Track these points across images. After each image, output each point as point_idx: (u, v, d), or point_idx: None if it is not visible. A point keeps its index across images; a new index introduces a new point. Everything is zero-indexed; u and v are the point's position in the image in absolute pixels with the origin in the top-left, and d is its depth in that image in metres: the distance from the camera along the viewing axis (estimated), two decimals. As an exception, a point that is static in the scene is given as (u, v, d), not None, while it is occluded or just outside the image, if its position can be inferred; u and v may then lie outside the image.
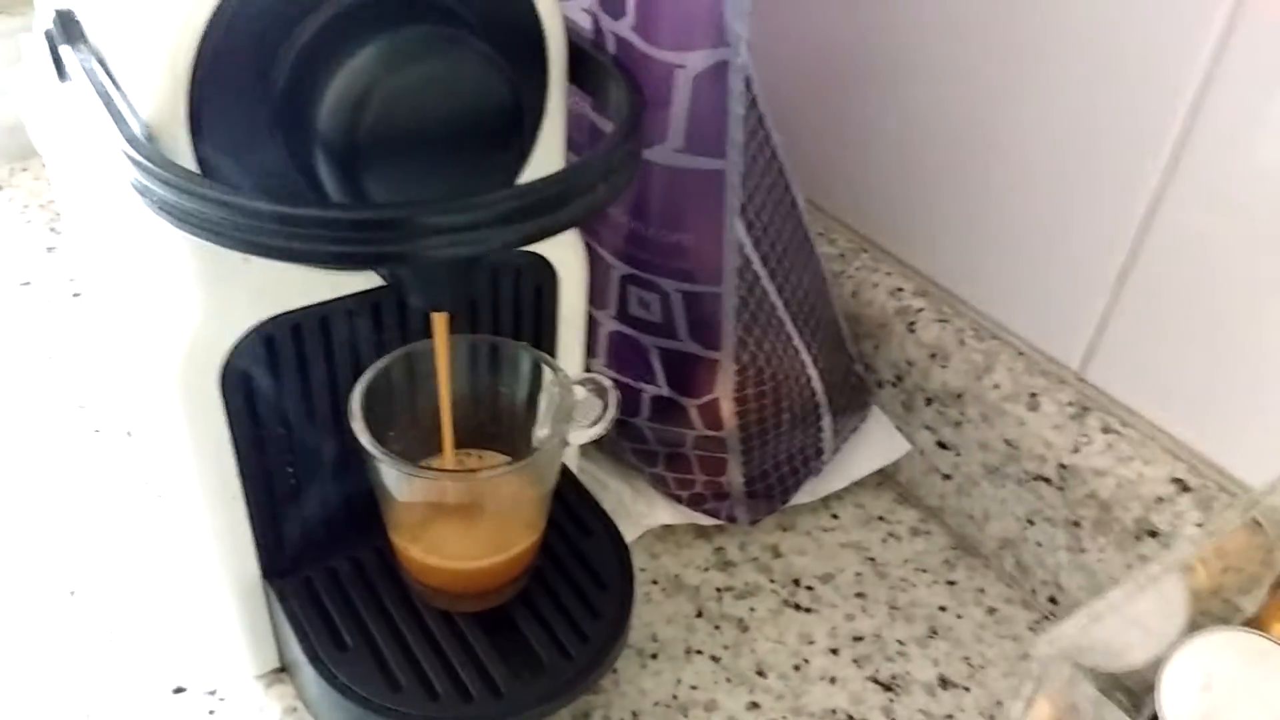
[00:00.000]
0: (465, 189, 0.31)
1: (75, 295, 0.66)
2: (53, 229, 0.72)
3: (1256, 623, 0.37)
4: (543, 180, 0.30)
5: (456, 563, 0.39)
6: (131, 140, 0.29)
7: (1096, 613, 0.31)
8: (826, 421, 0.51)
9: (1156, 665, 0.33)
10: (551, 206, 0.29)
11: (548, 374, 0.40)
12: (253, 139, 0.31)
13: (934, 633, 0.49)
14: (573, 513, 0.45)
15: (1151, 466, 0.46)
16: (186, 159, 0.31)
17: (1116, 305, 0.48)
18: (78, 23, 0.34)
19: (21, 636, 0.46)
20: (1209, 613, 0.37)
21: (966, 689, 0.47)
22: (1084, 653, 0.31)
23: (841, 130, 0.57)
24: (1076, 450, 0.48)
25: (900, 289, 0.56)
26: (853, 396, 0.53)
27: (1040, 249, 0.50)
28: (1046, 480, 0.49)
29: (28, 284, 0.67)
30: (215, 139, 0.31)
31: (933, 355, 0.53)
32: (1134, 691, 0.37)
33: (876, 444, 0.55)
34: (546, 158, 0.37)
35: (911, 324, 0.54)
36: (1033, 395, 0.50)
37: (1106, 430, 0.48)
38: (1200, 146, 0.43)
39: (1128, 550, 0.46)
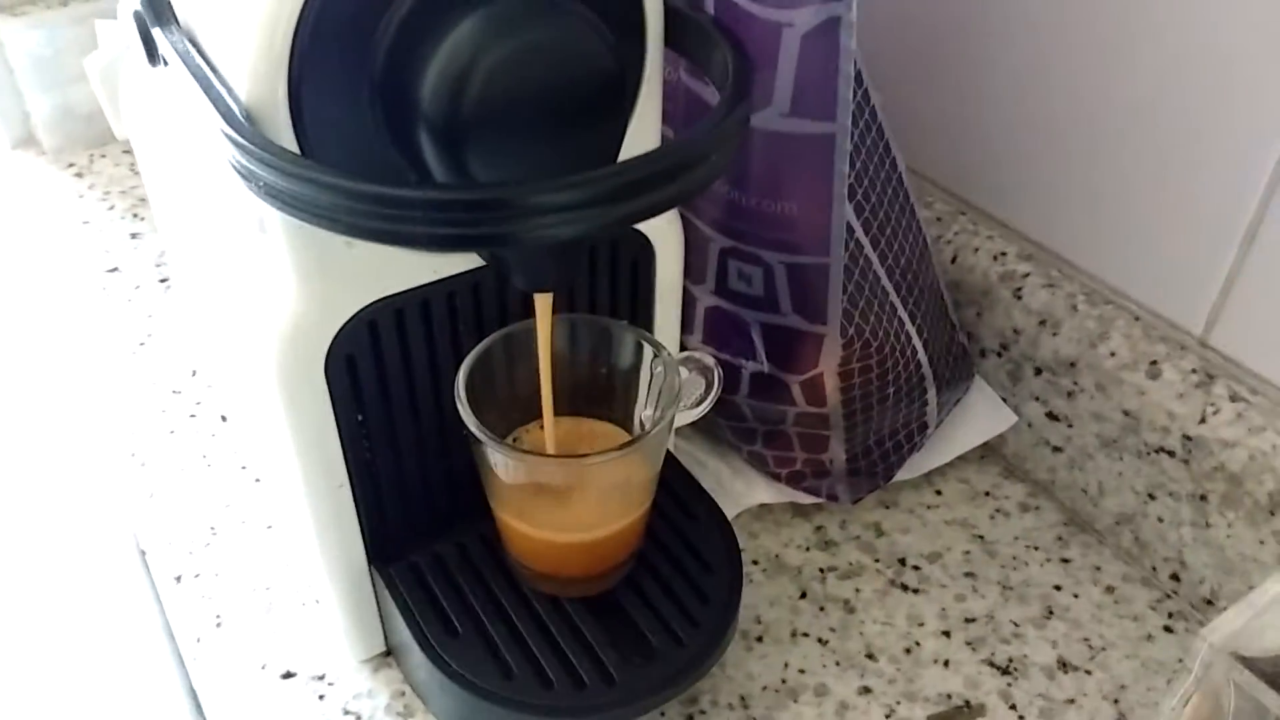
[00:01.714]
0: (569, 163, 0.30)
1: (163, 281, 0.66)
2: (136, 215, 0.72)
3: None
4: (651, 154, 0.28)
5: (561, 535, 0.38)
6: (232, 121, 0.28)
7: (1259, 604, 0.29)
8: (931, 394, 0.49)
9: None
10: (661, 182, 0.28)
11: (649, 352, 0.38)
12: (353, 118, 0.30)
13: (1050, 613, 0.47)
14: (675, 495, 0.44)
15: (1288, 436, 0.43)
16: (287, 140, 0.30)
17: (1244, 265, 0.45)
18: (168, 4, 0.34)
19: (130, 624, 0.47)
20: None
21: (1088, 672, 0.45)
22: (1242, 642, 0.29)
23: (937, 87, 0.55)
24: (1203, 420, 0.45)
25: (1003, 253, 0.53)
26: (956, 367, 0.51)
27: (1157, 206, 0.47)
28: (1170, 453, 0.46)
29: (115, 270, 0.67)
30: (315, 119, 0.30)
31: (1041, 322, 0.51)
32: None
33: (981, 416, 0.52)
34: (643, 128, 0.35)
35: (1018, 290, 0.52)
36: (1153, 363, 0.47)
37: (1235, 399, 0.45)
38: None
39: (1260, 526, 0.44)
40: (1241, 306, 0.46)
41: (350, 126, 0.30)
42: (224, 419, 0.57)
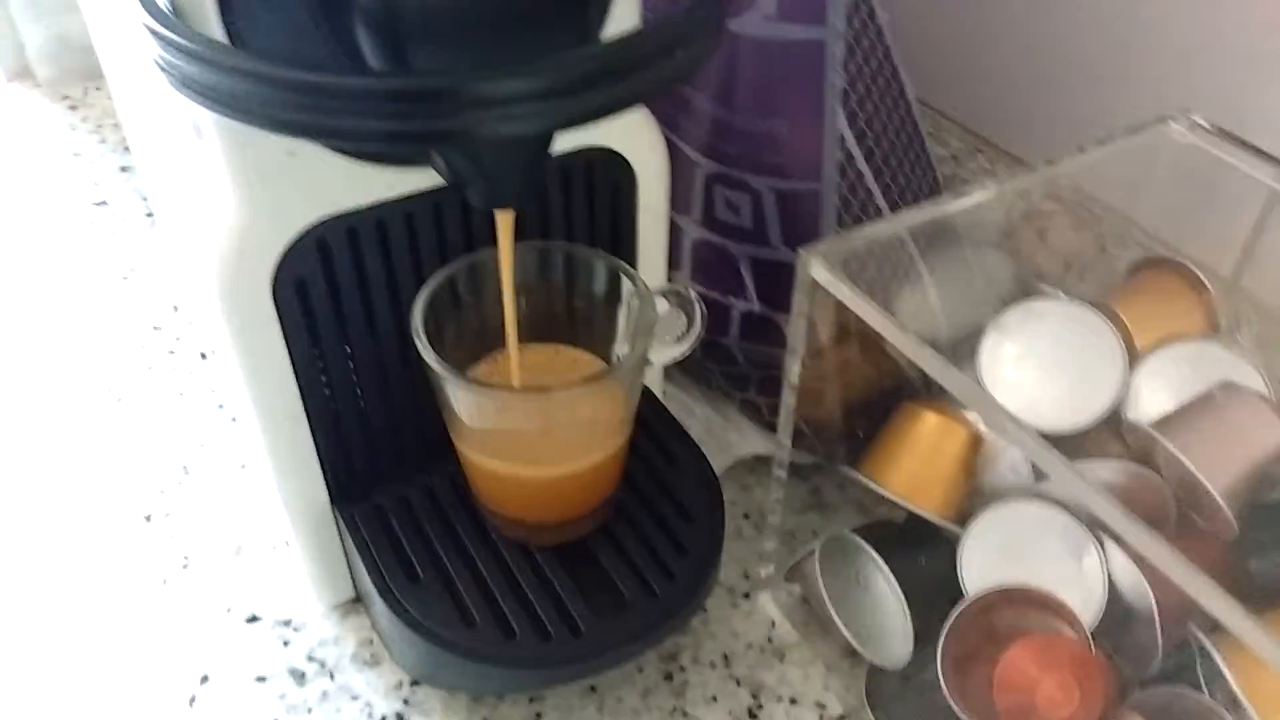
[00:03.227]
0: (525, 56, 0.27)
1: (148, 215, 0.64)
2: (126, 148, 0.70)
3: None
4: (612, 42, 0.25)
5: (526, 470, 0.35)
6: (153, 12, 0.26)
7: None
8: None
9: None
10: (622, 73, 0.25)
11: (626, 285, 0.36)
12: (285, 7, 0.27)
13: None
14: (657, 440, 0.41)
15: None
16: (215, 32, 0.27)
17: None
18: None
19: (96, 562, 0.45)
20: None
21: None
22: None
23: (952, 16, 0.51)
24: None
25: (1027, 191, 0.50)
26: (968, 314, 0.48)
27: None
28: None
29: (103, 204, 0.65)
30: (244, 8, 0.27)
31: (1068, 266, 0.47)
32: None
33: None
34: (623, 23, 0.32)
35: (1042, 230, 0.48)
36: (1182, 310, 0.44)
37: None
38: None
39: None
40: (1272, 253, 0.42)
41: (284, 17, 0.27)
42: (203, 356, 0.55)
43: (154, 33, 0.25)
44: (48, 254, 0.62)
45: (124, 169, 0.68)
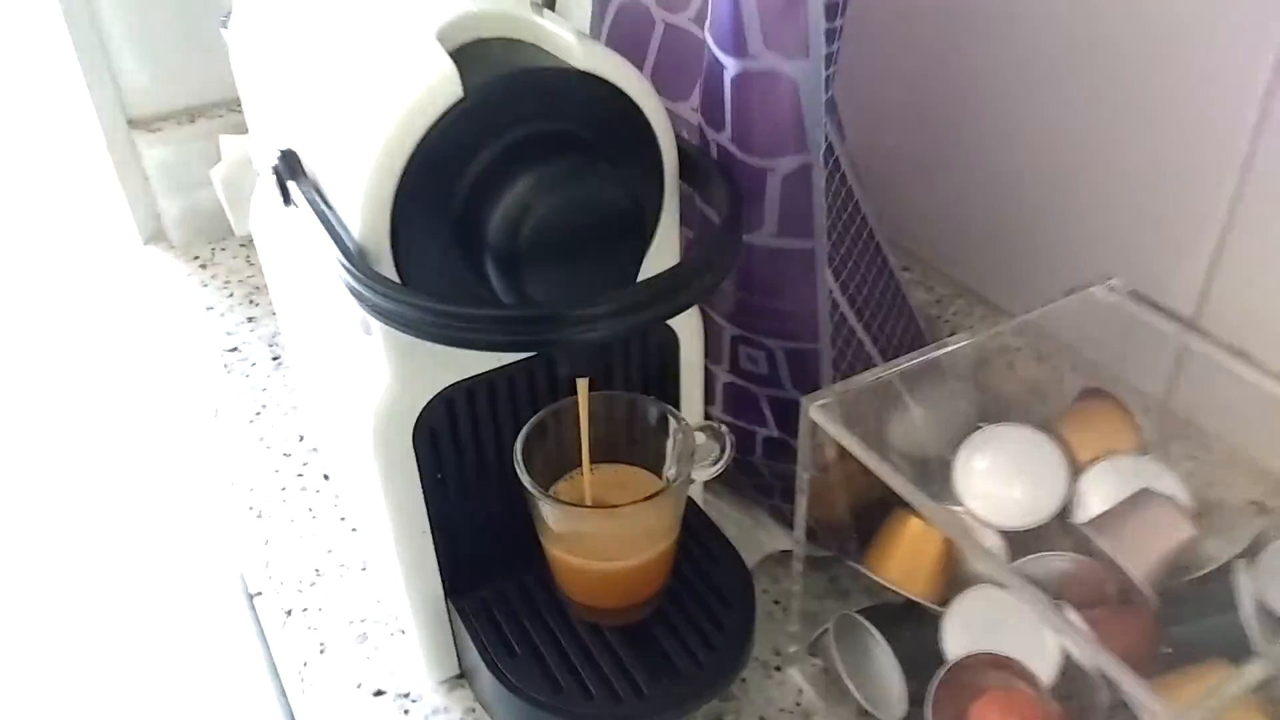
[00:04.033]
0: (602, 279, 0.39)
1: (275, 359, 0.77)
2: (252, 301, 0.84)
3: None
4: (661, 275, 0.37)
5: (598, 565, 0.46)
6: (348, 256, 0.38)
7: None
8: (928, 456, 0.56)
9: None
10: (670, 295, 0.37)
11: (672, 422, 0.47)
12: (437, 249, 0.39)
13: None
14: (700, 541, 0.52)
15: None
16: (387, 265, 0.40)
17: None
18: (299, 160, 0.44)
19: (249, 653, 0.56)
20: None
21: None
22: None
23: (937, 188, 0.63)
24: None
25: (998, 331, 0.61)
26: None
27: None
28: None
29: (235, 350, 0.79)
30: (408, 251, 0.39)
31: (1032, 392, 0.58)
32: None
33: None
34: (665, 239, 0.44)
35: (1010, 363, 0.59)
36: (1122, 427, 0.54)
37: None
38: None
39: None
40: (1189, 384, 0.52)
41: (434, 255, 0.40)
42: (326, 478, 0.67)
43: (351, 273, 0.38)
44: (191, 392, 0.75)
45: (250, 319, 0.82)
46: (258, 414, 0.72)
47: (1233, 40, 0.50)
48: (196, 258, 0.90)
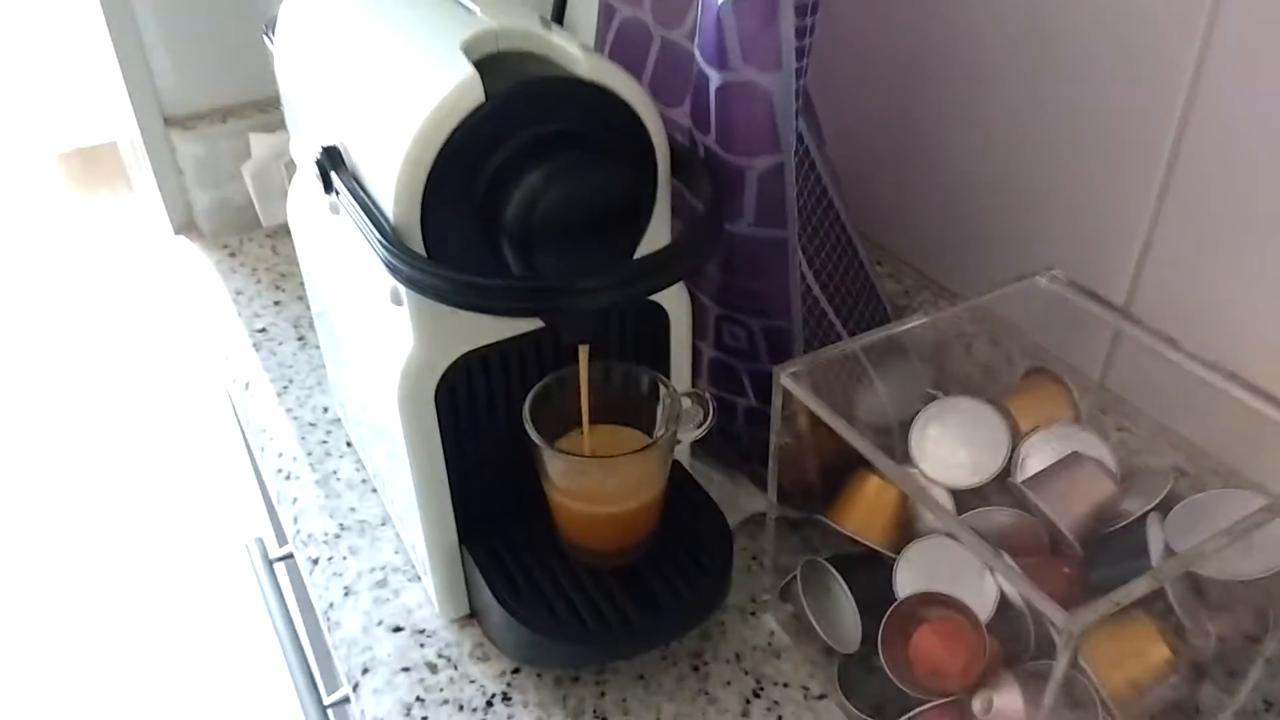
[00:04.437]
0: (604, 255, 0.46)
1: (300, 339, 0.84)
2: (278, 287, 0.91)
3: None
4: (651, 255, 0.44)
5: (596, 508, 0.52)
6: (384, 234, 0.45)
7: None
8: (891, 428, 0.63)
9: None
10: (658, 272, 0.44)
11: (662, 389, 0.54)
12: (460, 229, 0.46)
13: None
14: (687, 497, 0.58)
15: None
16: (417, 243, 0.46)
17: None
18: (340, 154, 0.51)
19: (286, 595, 0.63)
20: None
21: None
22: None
23: (902, 191, 0.70)
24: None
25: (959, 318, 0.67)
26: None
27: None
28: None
29: (263, 330, 0.85)
30: (436, 229, 0.46)
31: (984, 371, 0.64)
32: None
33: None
34: (658, 226, 0.51)
35: (968, 345, 0.66)
36: (1064, 403, 0.60)
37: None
38: None
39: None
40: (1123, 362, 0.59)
41: (458, 235, 0.46)
42: (348, 444, 0.73)
43: (389, 251, 0.44)
44: (224, 371, 0.81)
45: (276, 303, 0.88)
46: (285, 388, 0.79)
47: (1157, 44, 0.56)
48: (225, 246, 0.97)
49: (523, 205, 0.44)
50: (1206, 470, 0.54)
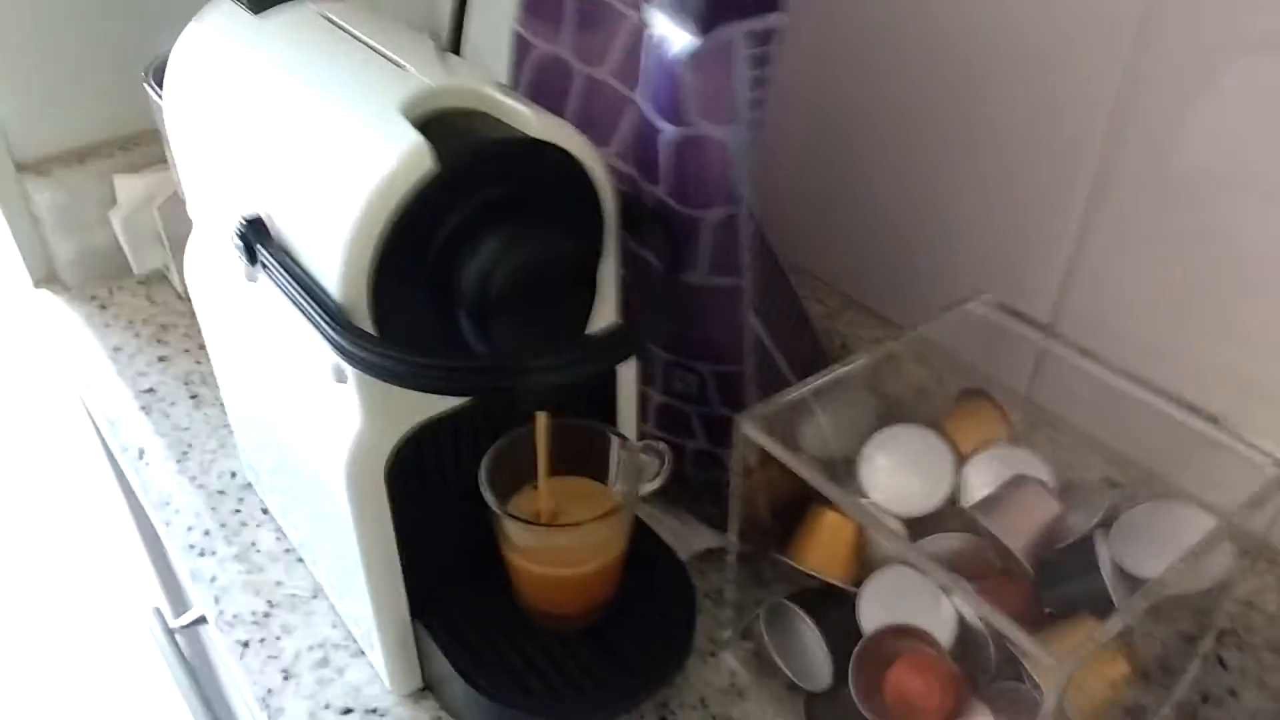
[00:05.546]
0: (558, 323, 0.44)
1: (193, 397, 0.78)
2: (160, 340, 0.84)
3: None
4: (604, 332, 0.43)
5: (555, 571, 0.51)
6: (329, 313, 0.42)
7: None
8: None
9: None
10: (613, 349, 0.42)
11: (614, 441, 0.52)
12: (410, 303, 0.43)
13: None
14: (645, 551, 0.57)
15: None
16: (365, 321, 0.43)
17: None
18: (265, 226, 0.47)
19: (224, 676, 0.58)
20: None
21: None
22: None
23: (826, 218, 0.71)
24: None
25: (879, 339, 0.69)
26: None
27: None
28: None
29: (150, 390, 0.79)
30: (386, 306, 0.43)
31: (918, 394, 0.66)
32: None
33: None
34: (605, 281, 0.50)
35: (897, 367, 0.67)
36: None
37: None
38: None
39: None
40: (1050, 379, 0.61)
41: (408, 309, 0.44)
42: (264, 511, 0.69)
43: (336, 331, 0.41)
44: (111, 439, 0.75)
45: (161, 359, 0.82)
46: (184, 454, 0.74)
47: (1080, 80, 0.59)
48: (94, 298, 0.89)
49: (479, 275, 0.42)
50: (1136, 480, 0.57)
